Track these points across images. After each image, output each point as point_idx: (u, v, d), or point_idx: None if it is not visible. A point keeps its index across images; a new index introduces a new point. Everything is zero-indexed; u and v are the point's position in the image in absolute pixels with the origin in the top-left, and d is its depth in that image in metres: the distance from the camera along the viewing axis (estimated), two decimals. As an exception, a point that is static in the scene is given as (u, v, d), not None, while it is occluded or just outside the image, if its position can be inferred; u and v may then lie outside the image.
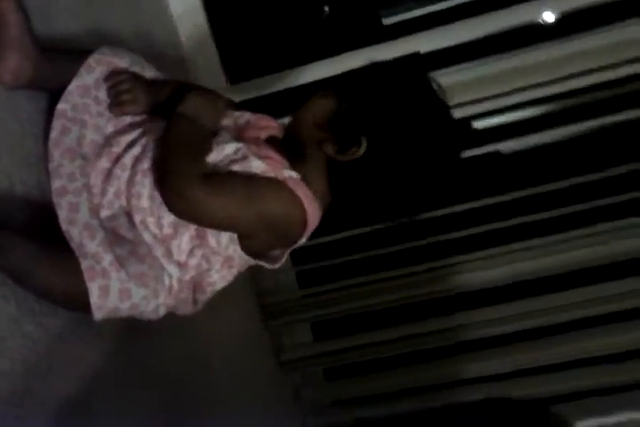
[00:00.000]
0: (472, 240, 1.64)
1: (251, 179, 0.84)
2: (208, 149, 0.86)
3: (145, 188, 0.86)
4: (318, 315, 1.73)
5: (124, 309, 0.83)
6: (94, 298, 0.80)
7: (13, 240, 0.80)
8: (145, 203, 0.87)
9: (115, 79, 0.90)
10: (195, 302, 0.95)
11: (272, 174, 0.85)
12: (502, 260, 1.61)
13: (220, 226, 0.86)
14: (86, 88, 0.88)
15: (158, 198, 0.85)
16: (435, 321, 1.69)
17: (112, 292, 0.81)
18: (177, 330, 1.19)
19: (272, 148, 0.90)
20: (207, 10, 1.48)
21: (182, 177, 0.82)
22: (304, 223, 0.88)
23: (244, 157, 0.86)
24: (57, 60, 0.89)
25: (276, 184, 0.85)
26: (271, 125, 0.95)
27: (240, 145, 0.87)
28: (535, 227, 1.61)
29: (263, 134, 0.93)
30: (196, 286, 0.93)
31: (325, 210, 0.91)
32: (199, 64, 1.49)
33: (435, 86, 0.91)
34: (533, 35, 1.45)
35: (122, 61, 0.92)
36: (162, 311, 0.89)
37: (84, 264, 0.80)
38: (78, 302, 0.81)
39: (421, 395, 1.66)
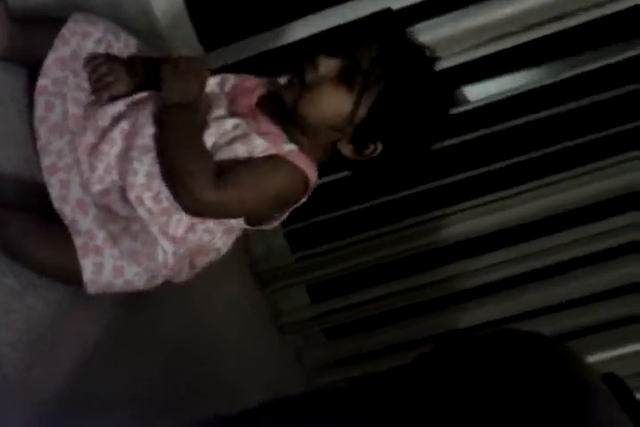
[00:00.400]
0: (460, 189, 1.65)
1: (257, 166, 0.86)
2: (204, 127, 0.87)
3: (143, 164, 0.86)
4: (313, 277, 1.74)
5: (118, 284, 0.85)
6: (87, 274, 0.81)
7: (6, 217, 0.81)
8: (142, 179, 0.87)
9: (92, 64, 0.89)
10: (192, 266, 0.96)
11: (274, 151, 0.86)
12: (492, 207, 1.64)
13: (235, 217, 0.89)
14: (63, 60, 0.88)
15: (157, 174, 0.86)
16: (427, 274, 1.71)
17: (105, 268, 0.82)
18: (176, 302, 1.20)
19: (266, 114, 0.90)
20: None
21: (195, 182, 0.83)
22: (306, 189, 0.91)
23: (245, 135, 0.86)
24: (31, 30, 0.87)
25: (280, 162, 0.87)
26: (257, 85, 0.95)
27: (239, 121, 0.87)
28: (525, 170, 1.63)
29: (253, 99, 0.92)
30: (195, 253, 0.94)
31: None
32: (173, 32, 1.47)
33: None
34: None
35: (96, 29, 0.91)
36: (157, 283, 0.90)
37: (78, 241, 0.81)
38: (73, 277, 0.82)
39: (422, 347, 1.69)
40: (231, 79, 0.95)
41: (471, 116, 1.53)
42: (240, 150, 0.86)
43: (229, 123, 0.87)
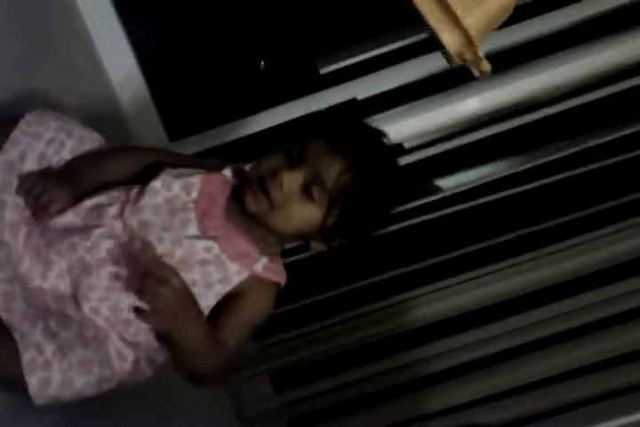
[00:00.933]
0: (420, 273, 1.67)
1: (239, 304, 0.87)
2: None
3: (100, 279, 0.84)
4: (276, 366, 1.70)
5: (66, 396, 0.81)
6: (33, 389, 0.78)
7: None
8: (99, 293, 0.84)
9: (24, 186, 0.86)
10: (151, 365, 0.91)
11: (246, 274, 0.87)
12: (458, 289, 1.65)
13: None
14: (11, 163, 0.86)
15: (116, 287, 0.84)
16: (393, 358, 1.69)
17: (53, 382, 0.79)
18: (129, 397, 1.15)
19: (237, 223, 0.89)
20: (144, 68, 1.49)
21: (202, 360, 0.84)
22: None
23: (218, 260, 0.86)
24: None
25: (255, 285, 0.88)
26: (223, 188, 0.93)
27: (211, 244, 0.86)
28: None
29: (222, 209, 0.90)
30: (156, 352, 0.91)
31: None
32: (139, 122, 1.49)
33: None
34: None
35: (47, 129, 0.90)
36: (110, 387, 0.86)
37: (26, 358, 0.77)
38: (17, 386, 0.78)
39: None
40: (196, 183, 0.90)
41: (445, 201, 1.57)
42: (214, 275, 0.85)
43: (201, 244, 0.86)
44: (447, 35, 0.64)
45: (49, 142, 0.90)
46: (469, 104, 1.45)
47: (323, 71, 1.49)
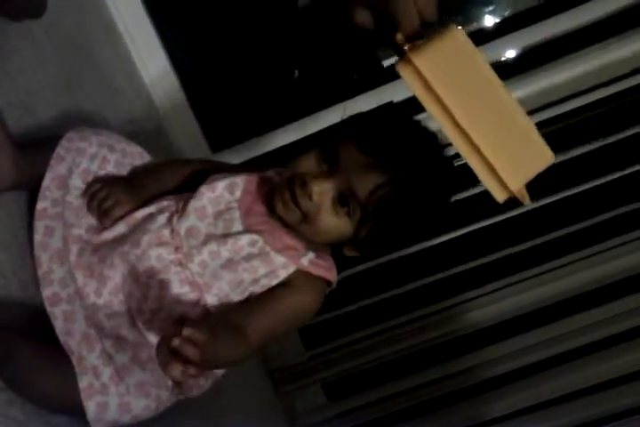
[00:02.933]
0: (473, 275, 1.64)
1: (282, 297, 0.83)
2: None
3: (152, 289, 0.83)
4: (328, 375, 1.68)
5: (125, 420, 0.80)
6: (91, 414, 0.77)
7: (12, 347, 0.77)
8: (152, 305, 0.84)
9: (89, 192, 0.88)
10: (207, 377, 0.90)
11: (294, 267, 0.84)
12: (509, 291, 1.62)
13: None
14: (61, 178, 0.87)
15: (168, 297, 0.83)
16: (448, 365, 1.66)
17: (111, 407, 0.78)
18: (185, 409, 1.14)
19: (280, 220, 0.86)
20: (182, 82, 1.52)
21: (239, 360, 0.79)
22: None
23: (263, 253, 0.83)
24: (34, 157, 0.86)
25: (303, 281, 0.84)
26: (265, 187, 0.90)
27: (255, 237, 0.84)
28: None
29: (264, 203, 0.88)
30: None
31: None
32: (180, 135, 1.51)
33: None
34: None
35: (89, 145, 0.90)
36: (167, 406, 0.85)
37: (84, 382, 0.77)
38: (76, 411, 0.78)
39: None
40: (239, 183, 0.89)
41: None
42: (261, 270, 0.83)
43: (245, 239, 0.84)
44: (496, 191, 0.66)
45: (92, 158, 0.90)
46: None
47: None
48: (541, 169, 0.68)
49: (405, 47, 0.66)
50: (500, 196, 0.67)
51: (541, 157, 0.68)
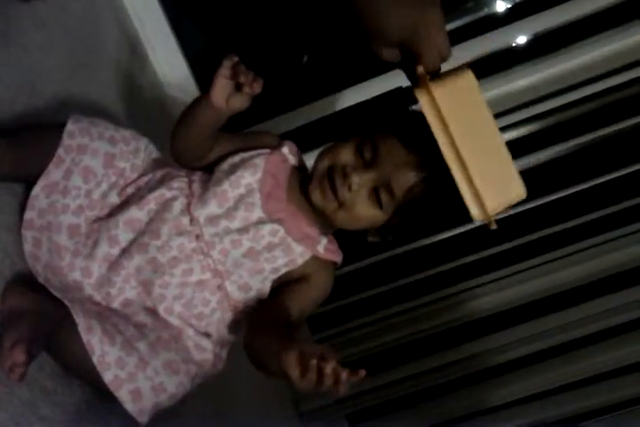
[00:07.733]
0: (477, 265, 1.64)
1: (305, 290, 0.86)
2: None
3: (174, 276, 0.84)
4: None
5: (164, 401, 0.81)
6: (129, 405, 0.78)
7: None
8: (174, 291, 0.84)
9: (233, 71, 0.81)
10: (223, 347, 0.91)
11: (309, 255, 0.87)
12: (513, 280, 1.62)
13: None
14: (53, 185, 0.83)
15: (189, 282, 0.84)
16: (453, 351, 1.67)
17: (144, 392, 0.79)
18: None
19: (298, 206, 0.87)
20: (191, 64, 1.51)
21: None
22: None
23: (284, 243, 0.85)
24: (23, 150, 0.83)
25: (316, 266, 0.87)
26: (283, 166, 0.90)
27: (276, 227, 0.85)
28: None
29: (284, 191, 0.88)
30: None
31: None
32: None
33: None
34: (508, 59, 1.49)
35: (91, 140, 0.85)
36: (199, 381, 0.87)
37: (108, 377, 0.77)
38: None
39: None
40: (260, 164, 0.88)
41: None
42: (281, 260, 0.85)
43: (266, 228, 0.84)
44: (474, 208, 0.75)
45: (94, 154, 0.85)
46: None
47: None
48: (513, 202, 0.78)
49: (427, 78, 0.77)
50: (476, 213, 0.76)
51: (516, 190, 0.78)
